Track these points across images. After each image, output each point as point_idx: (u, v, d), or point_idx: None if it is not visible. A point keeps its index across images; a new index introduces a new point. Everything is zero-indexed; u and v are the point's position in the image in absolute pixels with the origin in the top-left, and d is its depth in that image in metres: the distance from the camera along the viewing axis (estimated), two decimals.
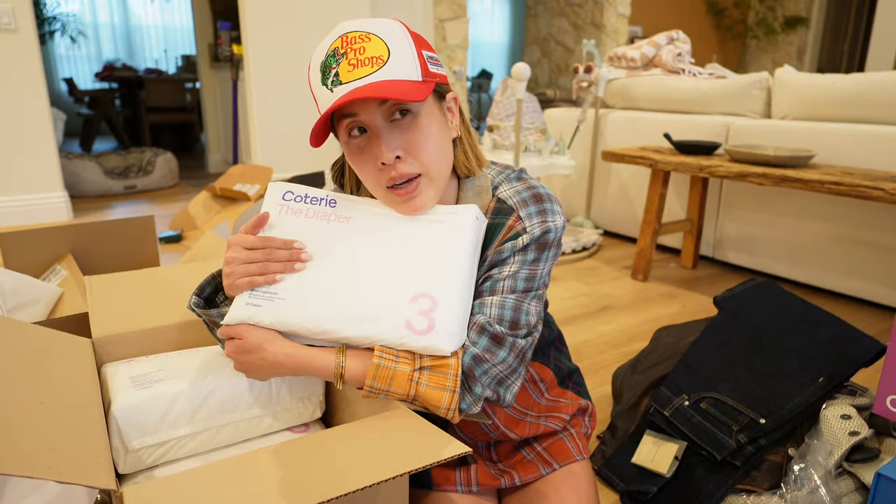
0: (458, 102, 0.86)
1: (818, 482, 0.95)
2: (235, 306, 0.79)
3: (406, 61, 0.75)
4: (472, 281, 0.81)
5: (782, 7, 7.00)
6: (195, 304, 0.85)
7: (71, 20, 7.10)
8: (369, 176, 0.79)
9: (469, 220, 0.80)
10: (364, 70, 0.73)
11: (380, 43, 0.74)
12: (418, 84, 0.74)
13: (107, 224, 1.65)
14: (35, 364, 0.78)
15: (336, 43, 0.75)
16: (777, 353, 1.15)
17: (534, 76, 6.19)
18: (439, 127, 0.80)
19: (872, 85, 2.10)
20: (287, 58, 3.54)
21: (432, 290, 0.77)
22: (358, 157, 0.78)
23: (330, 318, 0.77)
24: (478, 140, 0.95)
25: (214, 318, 0.84)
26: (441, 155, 0.80)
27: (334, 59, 0.74)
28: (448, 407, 0.75)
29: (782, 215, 2.30)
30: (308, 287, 0.78)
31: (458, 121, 0.86)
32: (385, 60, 0.73)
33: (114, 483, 0.65)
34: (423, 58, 0.77)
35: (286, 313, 0.77)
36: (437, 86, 0.79)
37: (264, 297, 0.78)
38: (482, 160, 0.89)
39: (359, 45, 0.74)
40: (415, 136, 0.76)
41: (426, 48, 0.79)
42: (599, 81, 2.90)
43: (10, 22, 2.84)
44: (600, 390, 1.51)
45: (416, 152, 0.77)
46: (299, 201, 0.84)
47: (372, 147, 0.77)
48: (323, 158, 3.83)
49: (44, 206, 3.10)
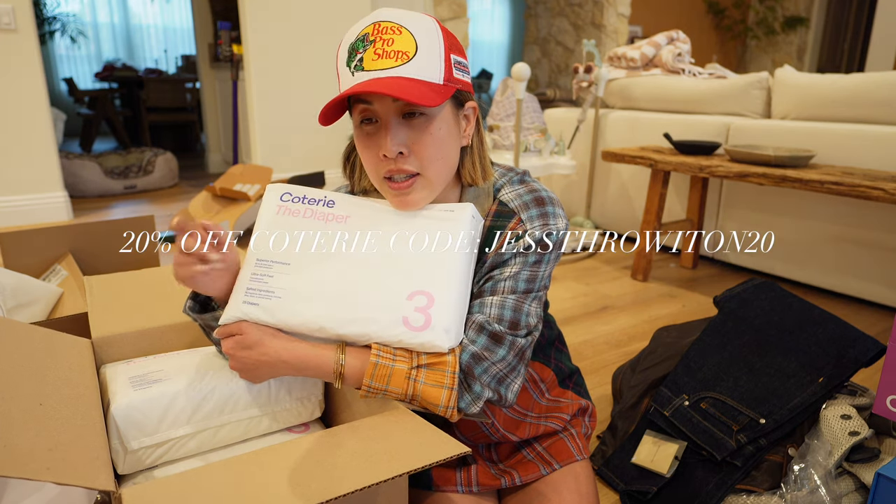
0: (478, 113, 0.86)
1: (818, 482, 0.95)
2: (231, 305, 0.79)
3: (431, 62, 0.75)
4: (468, 279, 0.82)
5: (782, 7, 7.00)
6: (190, 308, 0.85)
7: (71, 20, 7.10)
8: (370, 163, 0.80)
9: (466, 218, 0.81)
10: (388, 62, 0.73)
11: (409, 38, 0.74)
12: (437, 87, 0.74)
13: (107, 224, 1.65)
14: (35, 364, 0.78)
15: (368, 28, 0.75)
16: (777, 353, 1.15)
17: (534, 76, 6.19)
18: (449, 133, 0.80)
19: (872, 85, 2.10)
20: (287, 58, 3.54)
21: (429, 287, 0.77)
22: (364, 143, 0.79)
23: (327, 317, 0.77)
24: (489, 152, 0.96)
25: (209, 321, 0.85)
26: (444, 161, 0.80)
27: (362, 44, 0.75)
28: (446, 405, 0.75)
29: (782, 215, 2.30)
30: (305, 285, 0.79)
31: (473, 131, 0.86)
32: (410, 57, 0.73)
33: (112, 484, 0.65)
34: (450, 62, 0.77)
35: (283, 311, 0.78)
36: (457, 92, 0.79)
37: (261, 295, 0.78)
38: (488, 173, 0.88)
39: (389, 35, 0.74)
40: (421, 137, 0.77)
41: (456, 52, 0.79)
42: (599, 81, 2.90)
43: (10, 22, 2.84)
44: (600, 390, 1.51)
45: (420, 153, 0.77)
46: (297, 202, 0.84)
47: (379, 137, 0.77)
48: (323, 158, 3.83)
49: (44, 206, 3.10)
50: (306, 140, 3.75)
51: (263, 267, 0.80)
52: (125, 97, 6.43)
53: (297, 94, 3.64)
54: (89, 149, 5.72)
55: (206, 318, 0.85)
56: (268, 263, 0.80)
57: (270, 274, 0.80)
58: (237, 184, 2.77)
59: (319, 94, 3.71)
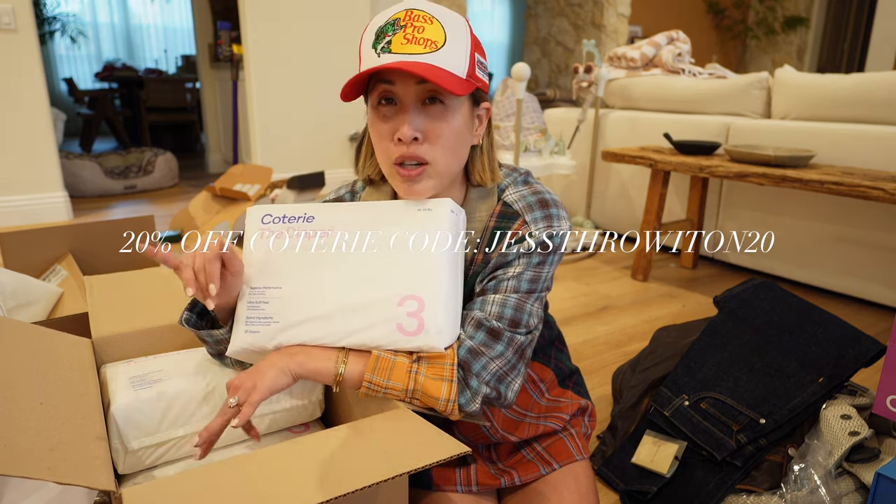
0: (490, 114, 0.86)
1: (818, 482, 0.95)
2: (235, 336, 0.82)
3: (458, 56, 0.76)
4: (458, 274, 0.82)
5: (782, 7, 7.00)
6: (186, 319, 0.87)
7: (71, 20, 7.10)
8: (383, 147, 0.80)
9: (444, 214, 0.81)
10: (416, 48, 0.74)
11: (440, 29, 0.75)
12: (461, 80, 0.76)
13: (107, 224, 1.65)
14: (35, 364, 0.78)
15: (400, 14, 0.76)
16: (777, 353, 1.15)
17: (534, 76, 6.19)
18: (463, 128, 0.80)
19: (872, 85, 2.10)
20: (287, 58, 3.54)
21: (418, 291, 0.78)
22: (379, 126, 0.79)
23: (325, 335, 0.79)
24: (497, 155, 0.97)
25: (204, 337, 0.87)
26: (454, 154, 0.80)
27: (392, 28, 0.75)
28: (447, 398, 0.76)
29: (782, 215, 2.30)
30: (298, 308, 0.80)
31: (484, 132, 0.87)
32: (439, 47, 0.74)
33: (113, 484, 0.65)
34: (474, 59, 0.79)
35: (283, 335, 0.80)
36: (475, 90, 0.81)
37: (260, 322, 0.81)
38: (496, 175, 0.89)
39: (420, 23, 0.75)
40: (437, 126, 0.77)
41: (479, 52, 0.81)
42: (599, 81, 2.90)
43: (10, 22, 2.84)
44: (600, 390, 1.51)
45: (434, 141, 0.77)
46: (278, 222, 0.86)
47: (396, 121, 0.78)
48: (323, 158, 3.83)
49: (44, 206, 3.10)
50: (306, 140, 3.75)
51: (258, 294, 0.82)
52: (125, 97, 6.43)
53: (297, 94, 3.64)
54: (89, 149, 5.72)
55: (200, 335, 0.87)
56: (261, 290, 0.82)
57: (266, 300, 0.81)
58: (237, 184, 2.77)
59: (319, 94, 3.71)
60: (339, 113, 3.80)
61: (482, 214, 0.87)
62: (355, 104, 3.66)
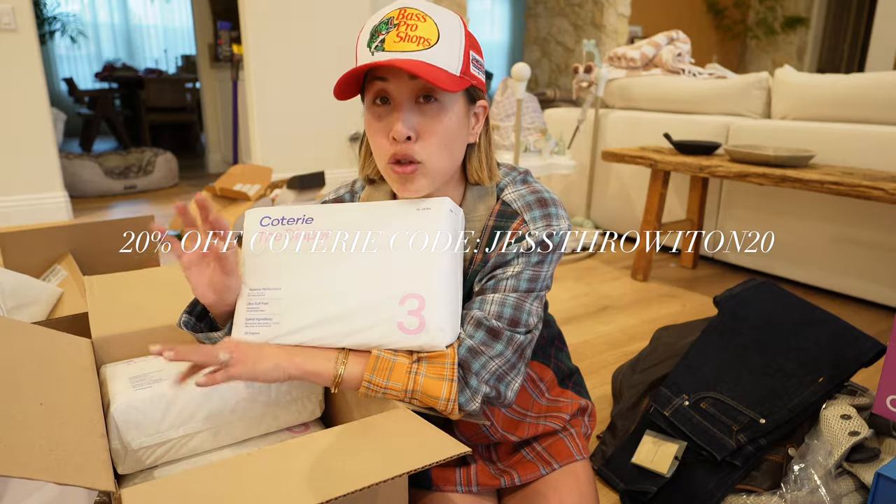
0: (487, 112, 0.86)
1: (818, 482, 0.95)
2: (235, 337, 0.82)
3: (451, 53, 0.76)
4: (457, 273, 0.82)
5: (782, 7, 7.00)
6: (184, 322, 0.87)
7: (71, 20, 7.11)
8: (378, 146, 0.80)
9: (443, 213, 0.81)
10: (409, 45, 0.74)
11: (433, 27, 0.75)
12: (454, 77, 0.76)
13: (107, 224, 1.65)
14: (35, 364, 0.78)
15: (393, 13, 0.76)
16: (777, 353, 1.15)
17: (534, 76, 6.19)
18: (458, 126, 0.80)
19: (872, 85, 2.10)
20: (287, 58, 3.54)
21: (418, 289, 0.78)
22: (375, 124, 0.80)
23: (326, 335, 0.79)
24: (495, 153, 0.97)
25: (202, 339, 0.87)
26: (448, 153, 0.80)
27: (385, 27, 0.76)
28: (447, 398, 0.76)
29: (782, 215, 2.30)
30: (298, 308, 0.80)
31: (481, 130, 0.86)
32: (432, 44, 0.75)
33: (112, 484, 0.65)
34: (469, 56, 0.78)
35: (283, 336, 0.80)
36: (470, 87, 0.80)
37: (260, 324, 0.81)
38: (494, 173, 0.89)
39: (413, 21, 0.75)
40: (431, 124, 0.77)
41: (475, 50, 0.81)
42: (599, 81, 2.90)
43: (10, 22, 2.84)
44: (600, 390, 1.51)
45: (428, 140, 0.78)
46: (277, 224, 0.86)
47: (390, 119, 0.78)
48: (323, 158, 3.83)
49: (44, 206, 3.10)
50: (306, 140, 3.75)
51: (257, 296, 0.82)
52: (125, 97, 6.43)
53: (297, 95, 3.64)
54: (89, 149, 5.72)
55: (199, 337, 0.87)
56: (260, 291, 0.82)
57: (265, 301, 0.81)
58: (237, 184, 2.77)
59: (319, 95, 3.71)
60: (339, 113, 3.80)
61: (481, 214, 0.87)
62: (355, 104, 3.66)
